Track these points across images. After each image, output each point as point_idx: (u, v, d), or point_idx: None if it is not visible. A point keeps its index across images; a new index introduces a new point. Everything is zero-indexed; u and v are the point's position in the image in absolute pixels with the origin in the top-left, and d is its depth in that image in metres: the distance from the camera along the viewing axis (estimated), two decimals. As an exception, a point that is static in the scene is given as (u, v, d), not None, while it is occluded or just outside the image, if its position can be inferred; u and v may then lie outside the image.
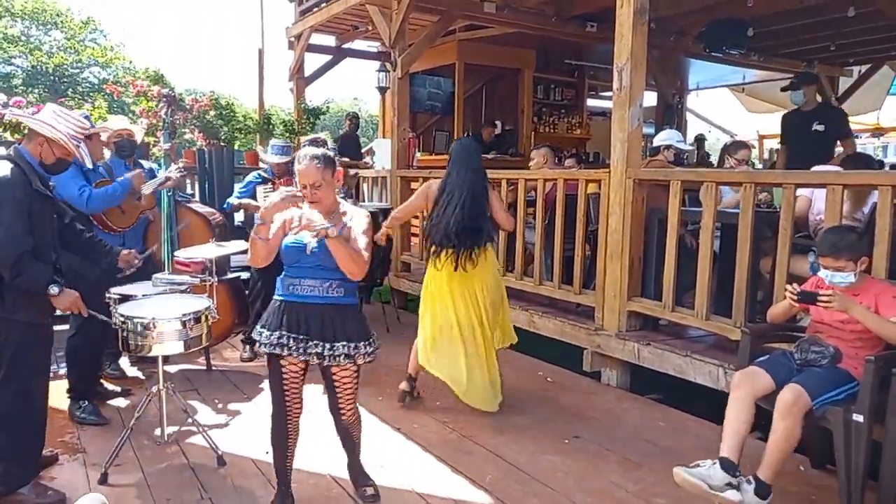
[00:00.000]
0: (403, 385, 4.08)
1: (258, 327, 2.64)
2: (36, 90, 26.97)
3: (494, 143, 9.65)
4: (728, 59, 9.20)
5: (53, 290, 2.79)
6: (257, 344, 2.64)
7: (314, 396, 3.11)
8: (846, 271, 2.73)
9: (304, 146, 2.61)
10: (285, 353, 2.56)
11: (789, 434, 2.65)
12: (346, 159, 8.93)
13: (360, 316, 2.70)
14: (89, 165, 3.58)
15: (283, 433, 2.70)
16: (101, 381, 4.16)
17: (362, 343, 2.59)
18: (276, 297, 2.65)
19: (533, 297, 5.32)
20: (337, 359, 2.55)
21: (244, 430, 3.69)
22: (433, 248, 3.79)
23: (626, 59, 4.17)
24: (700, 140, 11.70)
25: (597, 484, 3.09)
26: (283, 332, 2.55)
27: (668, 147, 5.06)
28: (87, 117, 3.85)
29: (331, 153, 2.62)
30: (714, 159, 11.06)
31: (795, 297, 2.79)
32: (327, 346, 2.54)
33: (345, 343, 2.55)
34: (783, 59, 10.07)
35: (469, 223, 3.70)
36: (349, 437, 2.84)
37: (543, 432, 3.67)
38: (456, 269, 3.74)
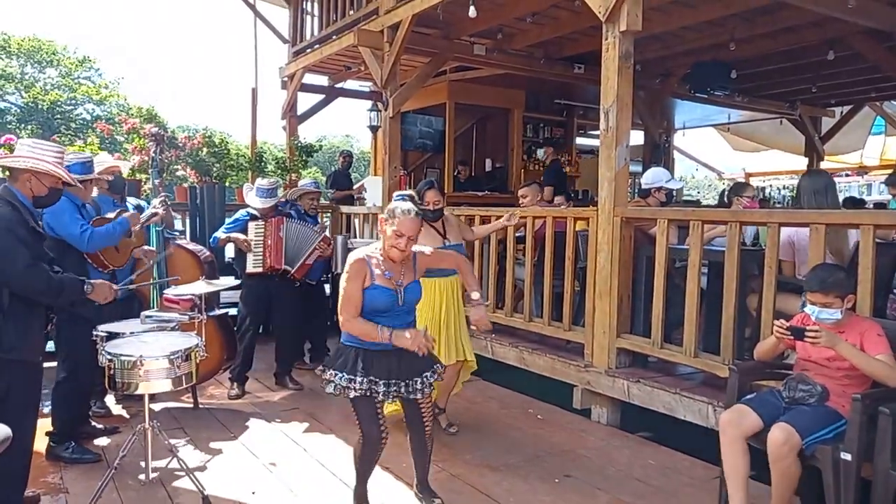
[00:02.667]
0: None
1: (338, 372, 2.83)
2: (29, 126, 27.10)
3: (471, 182, 9.80)
4: (713, 100, 9.40)
5: (88, 287, 2.97)
6: (344, 388, 2.81)
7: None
8: (833, 308, 2.75)
9: (399, 199, 2.98)
10: (379, 397, 2.84)
11: (787, 474, 2.68)
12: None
13: None
14: (75, 181, 3.45)
15: (376, 456, 2.96)
16: (90, 420, 4.10)
17: (431, 373, 2.97)
18: (357, 346, 2.84)
19: (523, 334, 5.33)
20: (422, 391, 2.92)
21: (230, 470, 3.64)
22: None
23: (613, 101, 4.26)
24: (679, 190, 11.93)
25: (587, 524, 3.05)
26: (374, 378, 2.81)
27: (658, 188, 5.05)
28: (90, 162, 3.88)
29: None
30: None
31: (784, 331, 2.81)
32: (409, 383, 2.87)
33: (427, 376, 2.93)
34: (767, 100, 10.31)
35: None
36: (425, 451, 3.12)
37: (534, 471, 3.63)
38: None
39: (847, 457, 2.58)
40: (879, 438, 2.56)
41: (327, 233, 5.94)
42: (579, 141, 12.11)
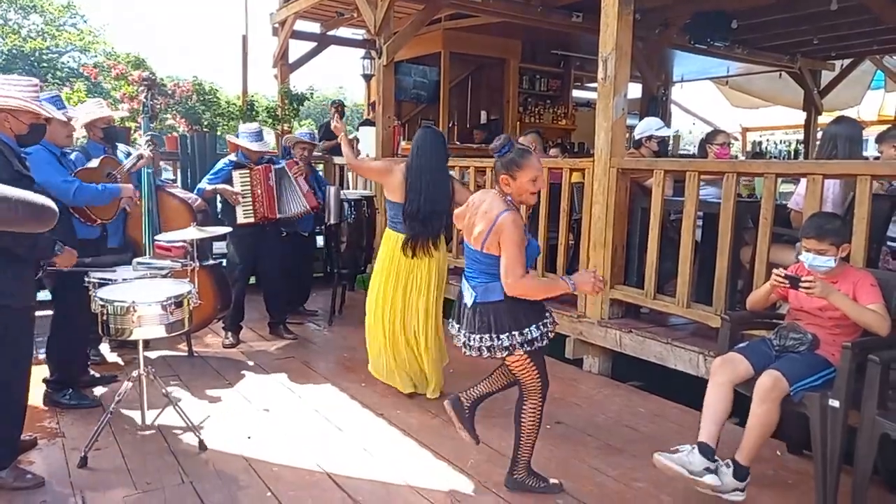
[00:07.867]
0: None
1: (532, 327, 2.66)
2: (13, 74, 26.46)
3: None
4: (712, 52, 9.25)
5: (59, 249, 2.94)
6: (537, 340, 2.67)
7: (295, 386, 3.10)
8: (828, 255, 2.76)
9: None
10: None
11: (767, 418, 2.68)
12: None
13: None
14: (58, 115, 3.25)
15: None
16: (88, 369, 4.11)
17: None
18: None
19: (516, 286, 5.33)
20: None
21: (226, 416, 3.68)
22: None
23: (612, 49, 4.18)
24: (676, 137, 11.82)
25: (578, 469, 3.11)
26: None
27: (649, 138, 4.99)
28: (58, 98, 3.77)
29: None
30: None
31: (782, 279, 2.80)
32: None
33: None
34: (767, 53, 10.15)
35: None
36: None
37: (525, 418, 3.68)
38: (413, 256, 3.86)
39: (835, 404, 2.62)
40: (867, 386, 2.59)
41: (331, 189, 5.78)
42: (576, 93, 11.97)
